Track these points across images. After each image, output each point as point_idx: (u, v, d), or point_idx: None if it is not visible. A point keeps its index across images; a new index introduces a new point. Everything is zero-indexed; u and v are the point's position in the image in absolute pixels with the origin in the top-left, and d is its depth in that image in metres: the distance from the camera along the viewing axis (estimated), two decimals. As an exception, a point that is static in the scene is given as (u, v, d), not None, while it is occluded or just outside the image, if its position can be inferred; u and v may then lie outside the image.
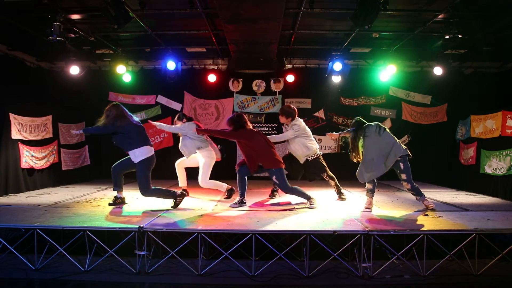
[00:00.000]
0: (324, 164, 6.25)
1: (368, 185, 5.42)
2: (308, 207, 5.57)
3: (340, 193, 6.31)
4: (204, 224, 4.50)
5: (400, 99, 9.62)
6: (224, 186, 6.39)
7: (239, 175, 5.69)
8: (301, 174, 6.41)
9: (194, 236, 4.18)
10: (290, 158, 6.25)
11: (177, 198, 5.45)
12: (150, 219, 4.65)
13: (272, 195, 6.49)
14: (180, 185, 6.64)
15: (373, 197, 5.53)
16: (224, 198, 6.36)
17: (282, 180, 5.49)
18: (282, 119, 6.26)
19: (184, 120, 6.39)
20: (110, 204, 5.61)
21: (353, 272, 4.15)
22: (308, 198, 5.66)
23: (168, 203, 5.50)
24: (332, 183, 6.29)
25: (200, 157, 6.29)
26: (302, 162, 6.18)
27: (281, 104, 9.51)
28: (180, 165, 6.57)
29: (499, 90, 7.92)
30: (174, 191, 5.50)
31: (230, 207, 5.59)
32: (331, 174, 6.28)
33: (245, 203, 5.72)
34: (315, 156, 6.16)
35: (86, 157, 9.38)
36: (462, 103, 8.67)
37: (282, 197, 6.53)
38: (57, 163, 8.26)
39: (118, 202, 5.65)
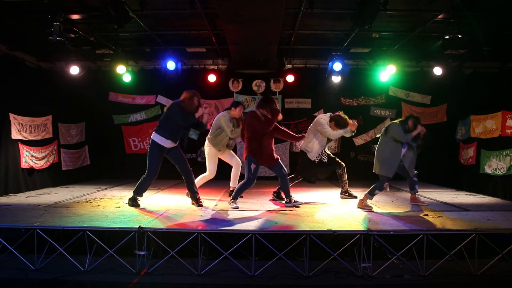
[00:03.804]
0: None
1: None
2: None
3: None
4: (204, 224, 4.51)
5: (400, 99, 9.60)
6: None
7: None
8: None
9: (194, 236, 4.18)
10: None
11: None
12: (150, 219, 4.66)
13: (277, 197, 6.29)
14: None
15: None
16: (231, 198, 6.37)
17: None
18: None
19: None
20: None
21: (353, 272, 4.15)
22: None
23: (167, 203, 5.49)
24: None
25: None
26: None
27: (281, 104, 9.51)
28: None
29: (499, 90, 7.89)
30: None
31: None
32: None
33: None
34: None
35: (86, 157, 9.39)
36: (462, 103, 8.66)
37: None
38: (57, 163, 8.27)
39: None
